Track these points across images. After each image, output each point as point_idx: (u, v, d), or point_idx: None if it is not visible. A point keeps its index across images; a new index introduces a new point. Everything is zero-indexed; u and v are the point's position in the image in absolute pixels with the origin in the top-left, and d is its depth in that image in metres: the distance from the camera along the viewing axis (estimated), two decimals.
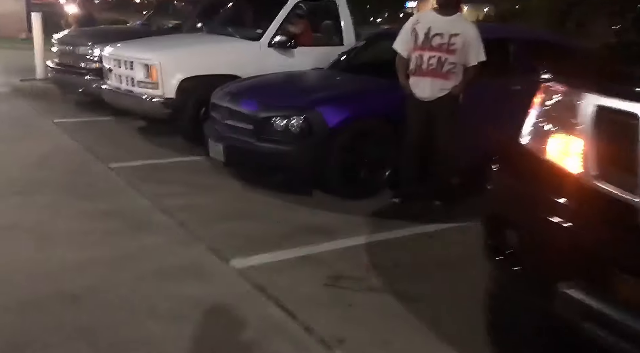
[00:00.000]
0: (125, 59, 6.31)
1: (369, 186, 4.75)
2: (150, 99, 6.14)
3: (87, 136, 6.66)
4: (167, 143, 6.46)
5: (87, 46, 7.73)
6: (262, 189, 4.91)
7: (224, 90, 5.33)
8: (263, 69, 6.40)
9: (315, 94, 4.85)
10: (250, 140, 4.70)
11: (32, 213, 4.21)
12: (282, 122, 4.55)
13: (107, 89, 6.78)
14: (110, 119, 7.65)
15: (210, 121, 5.35)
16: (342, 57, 6.12)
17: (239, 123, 4.85)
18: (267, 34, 6.58)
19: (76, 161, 5.68)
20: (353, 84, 5.17)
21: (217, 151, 5.00)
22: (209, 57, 6.36)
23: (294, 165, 4.59)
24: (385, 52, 6.11)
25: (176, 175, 5.34)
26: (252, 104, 4.76)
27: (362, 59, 5.95)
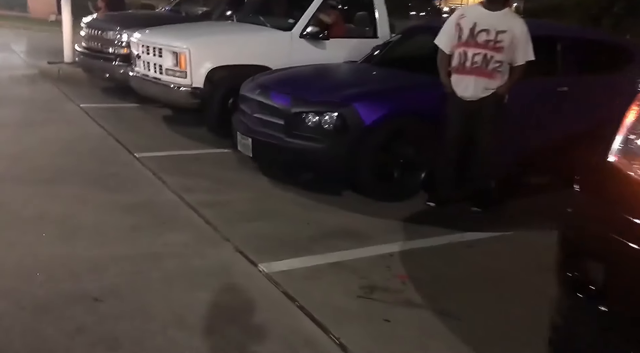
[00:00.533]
0: (154, 46, 6.15)
1: (402, 188, 4.53)
2: (177, 88, 5.97)
3: (113, 123, 6.55)
4: (193, 134, 6.31)
5: (115, 31, 7.60)
6: (290, 187, 4.72)
7: (254, 82, 5.14)
8: (294, 61, 6.21)
9: (350, 89, 4.62)
10: (280, 135, 4.51)
11: (57, 204, 4.08)
12: (315, 118, 4.34)
13: (135, 75, 6.64)
14: (136, 106, 7.54)
15: (239, 113, 5.17)
16: (377, 51, 5.87)
17: (269, 117, 4.66)
18: (299, 24, 6.37)
19: (102, 149, 5.56)
20: (390, 79, 4.92)
21: (245, 145, 4.83)
22: (239, 46, 6.16)
23: (325, 164, 4.39)
24: (423, 46, 5.86)
25: (202, 168, 5.18)
26: (284, 98, 4.56)
27: (399, 53, 5.70)
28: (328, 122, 4.30)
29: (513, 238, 3.93)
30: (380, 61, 5.57)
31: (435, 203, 4.46)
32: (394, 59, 5.54)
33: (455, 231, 3.98)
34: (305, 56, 6.31)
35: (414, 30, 6.05)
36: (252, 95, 4.89)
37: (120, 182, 4.64)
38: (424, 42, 5.88)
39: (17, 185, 4.40)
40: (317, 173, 4.58)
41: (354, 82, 4.99)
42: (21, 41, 13.83)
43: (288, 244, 3.65)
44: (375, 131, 4.28)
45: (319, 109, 4.35)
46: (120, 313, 2.77)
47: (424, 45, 5.78)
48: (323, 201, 4.44)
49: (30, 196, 4.20)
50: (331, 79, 5.19)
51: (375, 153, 4.34)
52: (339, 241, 3.72)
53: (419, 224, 4.11)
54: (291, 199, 4.48)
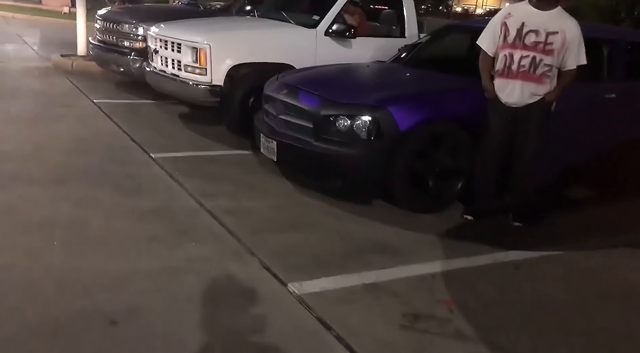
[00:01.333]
0: (172, 41, 5.85)
1: (437, 199, 4.21)
2: (196, 85, 5.67)
3: (129, 120, 6.26)
4: (211, 133, 6.02)
5: (131, 24, 7.31)
6: (317, 194, 4.41)
7: (279, 81, 4.83)
8: (318, 59, 5.92)
9: (385, 91, 4.29)
10: (308, 139, 4.19)
11: (68, 207, 3.80)
12: (347, 122, 4.02)
13: (151, 71, 6.34)
14: (152, 103, 7.26)
15: (262, 114, 4.86)
16: (407, 51, 5.55)
17: (296, 119, 4.34)
18: (324, 21, 6.05)
19: (117, 148, 5.27)
20: (426, 82, 4.59)
21: (269, 148, 4.52)
22: (262, 43, 5.85)
23: (356, 171, 4.07)
24: (459, 47, 5.56)
25: (223, 171, 4.88)
26: (313, 99, 4.25)
27: (432, 53, 5.37)
28: (361, 127, 3.98)
29: (563, 258, 3.60)
30: (412, 62, 5.24)
31: (473, 216, 4.14)
32: (427, 59, 5.21)
33: (499, 248, 3.66)
34: (331, 54, 6.00)
35: (448, 30, 5.71)
36: (277, 95, 4.58)
37: (136, 185, 4.34)
38: (460, 42, 5.59)
39: (27, 186, 4.12)
40: (347, 180, 4.25)
41: (387, 84, 4.66)
42: (34, 33, 13.59)
43: (319, 260, 3.34)
44: (411, 137, 3.96)
45: (351, 112, 4.03)
46: (140, 339, 2.47)
47: (460, 45, 5.50)
48: (353, 211, 4.13)
49: (41, 198, 3.91)
50: (362, 80, 4.85)
51: (410, 160, 4.01)
52: (374, 258, 3.41)
53: (459, 240, 3.79)
54: (319, 208, 4.17)
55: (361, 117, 3.98)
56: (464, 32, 5.55)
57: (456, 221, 4.10)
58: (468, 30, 5.43)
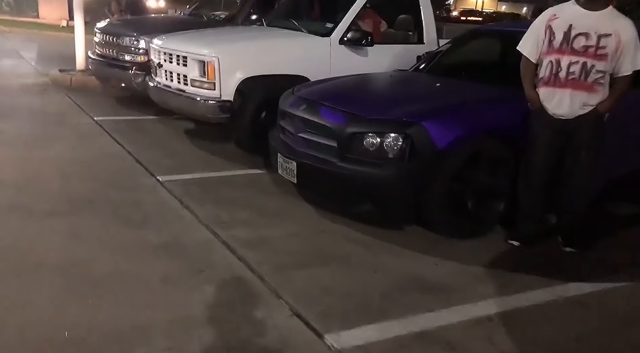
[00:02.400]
0: (178, 54, 5.43)
1: (477, 223, 3.78)
2: (204, 100, 5.25)
3: (132, 139, 5.85)
4: (219, 151, 5.61)
5: (132, 37, 6.91)
6: (342, 219, 3.98)
7: (296, 95, 4.41)
8: (333, 70, 5.50)
9: (417, 104, 3.86)
10: (332, 159, 3.77)
11: (66, 243, 3.37)
12: (376, 140, 3.60)
13: (155, 86, 5.92)
14: (155, 119, 6.85)
15: (278, 131, 4.44)
16: (430, 58, 5.13)
17: (318, 138, 3.92)
18: (338, 29, 5.64)
19: (121, 171, 4.85)
20: (460, 92, 4.14)
21: (287, 169, 4.10)
22: (273, 54, 5.44)
23: (387, 193, 3.64)
24: (489, 53, 5.13)
25: (236, 194, 4.46)
26: (337, 115, 3.83)
27: (460, 60, 4.94)
28: (392, 145, 3.56)
29: (633, 292, 3.16)
30: (439, 70, 4.80)
31: (519, 241, 3.71)
32: (455, 67, 4.78)
33: (556, 281, 3.21)
34: (346, 64, 5.59)
35: (474, 35, 5.27)
36: (295, 111, 4.15)
37: (143, 214, 3.92)
38: (489, 47, 5.16)
39: (24, 219, 3.70)
40: (376, 203, 3.81)
41: (417, 96, 4.21)
42: (31, 47, 13.23)
43: (355, 302, 2.89)
44: (449, 156, 3.53)
45: (380, 129, 3.61)
46: None
47: (490, 51, 5.06)
48: (385, 238, 3.70)
49: (37, 234, 3.49)
50: (389, 92, 4.41)
51: (448, 181, 3.59)
52: (417, 297, 2.97)
53: (508, 271, 3.34)
54: (346, 236, 3.74)
55: (392, 135, 3.56)
56: (492, 37, 5.11)
57: (500, 248, 3.66)
58: (497, 34, 4.99)
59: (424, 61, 5.16)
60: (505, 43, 4.62)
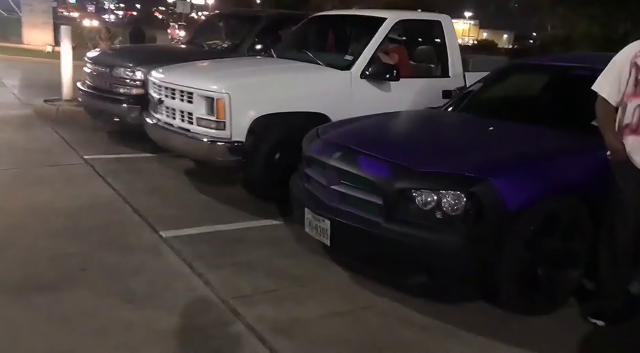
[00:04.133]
0: (182, 89, 4.79)
1: (551, 296, 3.15)
2: (212, 142, 4.60)
3: (127, 182, 5.17)
4: (227, 196, 4.95)
5: (127, 68, 6.26)
6: (387, 290, 3.31)
7: (323, 138, 3.79)
8: (353, 107, 4.90)
9: (477, 154, 3.23)
10: (376, 220, 3.13)
11: (60, 334, 2.68)
12: (432, 198, 2.97)
13: (154, 123, 5.27)
14: (151, 157, 6.18)
15: (302, 179, 3.81)
16: (465, 95, 4.56)
17: (357, 192, 3.28)
18: (359, 62, 5.05)
19: (117, 225, 4.15)
20: (523, 139, 3.50)
21: (318, 228, 3.45)
22: (289, 89, 4.82)
23: (448, 264, 3.00)
24: (539, 90, 4.55)
25: (254, 254, 3.79)
26: (380, 167, 3.20)
27: (506, 97, 4.36)
28: (452, 206, 2.93)
29: None
30: (479, 109, 4.20)
31: (604, 320, 3.08)
32: (499, 106, 4.20)
33: None
34: (368, 100, 5.01)
35: (519, 68, 4.68)
36: (327, 159, 3.51)
37: (147, 286, 3.23)
38: (539, 84, 4.57)
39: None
40: (431, 275, 3.16)
41: (472, 143, 3.56)
42: (15, 74, 12.45)
43: None
44: (521, 218, 2.91)
45: (437, 185, 2.98)
46: None
47: (543, 88, 4.46)
48: (444, 318, 3.03)
49: (11, 321, 2.78)
50: (436, 137, 3.76)
51: (519, 248, 2.97)
52: None
53: None
54: (399, 316, 3.05)
55: (452, 193, 2.93)
56: (540, 72, 4.54)
57: (581, 328, 3.02)
58: (547, 69, 4.43)
59: (458, 98, 4.59)
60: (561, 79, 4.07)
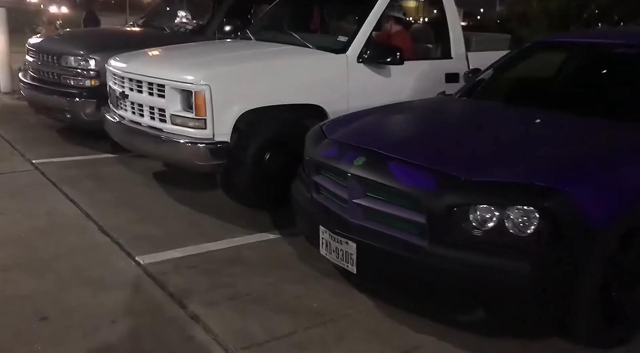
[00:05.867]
0: (150, 80, 3.98)
1: (628, 322, 2.60)
2: (191, 143, 3.83)
3: (88, 192, 4.36)
4: (210, 204, 4.21)
5: (78, 56, 5.35)
6: (429, 324, 2.68)
7: (335, 138, 3.07)
8: (351, 95, 4.27)
9: (547, 158, 2.55)
10: (418, 242, 2.49)
11: None
12: (494, 216, 2.35)
13: (117, 122, 4.42)
14: (113, 158, 5.34)
15: (312, 190, 3.10)
16: (481, 79, 3.94)
17: (389, 207, 2.61)
18: (355, 43, 4.35)
19: (81, 252, 3.34)
20: (589, 136, 2.82)
21: (339, 252, 2.77)
22: (279, 78, 4.06)
23: (515, 296, 2.38)
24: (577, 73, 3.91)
25: (256, 283, 3.06)
26: (420, 175, 2.54)
27: (534, 83, 3.72)
28: (521, 225, 2.31)
29: None
30: (510, 97, 3.56)
31: None
32: (534, 93, 3.55)
33: None
34: (367, 87, 4.36)
35: (546, 46, 3.99)
36: (344, 166, 2.82)
37: (130, 338, 2.49)
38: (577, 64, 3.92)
39: None
40: (493, 309, 2.53)
41: (531, 142, 2.78)
42: None
43: None
44: (606, 235, 2.33)
45: (500, 199, 2.35)
46: None
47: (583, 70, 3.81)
48: None
49: None
50: (481, 135, 2.98)
51: (601, 272, 2.39)
52: None
53: None
54: None
55: (520, 209, 2.31)
56: (575, 51, 3.88)
57: None
58: (583, 48, 3.78)
59: (473, 83, 3.97)
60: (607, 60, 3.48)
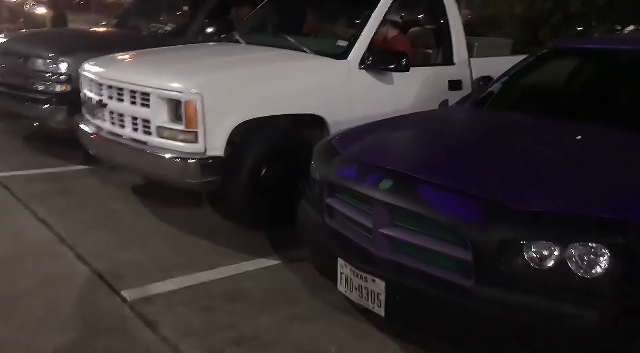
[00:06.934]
0: (134, 88, 3.50)
1: None
2: (179, 159, 3.37)
3: (61, 211, 3.88)
4: (198, 224, 3.78)
5: (48, 58, 4.82)
6: None
7: (351, 156, 2.67)
8: (352, 104, 3.90)
9: (610, 183, 2.19)
10: (461, 282, 2.11)
11: None
12: (555, 253, 2.00)
13: (94, 134, 3.92)
14: (85, 171, 4.85)
15: (322, 211, 2.71)
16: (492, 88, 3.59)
17: (424, 240, 2.25)
18: (357, 48, 3.96)
19: (57, 286, 2.87)
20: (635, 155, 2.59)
21: (362, 290, 2.38)
22: (277, 86, 3.63)
23: (580, 346, 2.04)
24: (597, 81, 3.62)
25: (261, 320, 2.66)
26: (462, 203, 2.16)
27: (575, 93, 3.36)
28: (588, 264, 1.96)
29: None
30: (534, 109, 3.19)
31: None
32: (564, 104, 3.20)
33: None
34: (369, 96, 4.00)
35: (565, 53, 3.63)
36: (367, 189, 2.41)
37: None
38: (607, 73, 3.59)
39: None
40: None
41: (581, 162, 2.43)
42: None
43: None
44: None
45: (563, 233, 1.99)
46: None
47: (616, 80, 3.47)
48: None
49: None
50: (521, 153, 2.57)
51: None
52: None
53: None
54: None
55: (586, 246, 1.97)
56: (600, 59, 3.56)
57: None
58: (611, 55, 3.47)
59: (484, 92, 3.62)
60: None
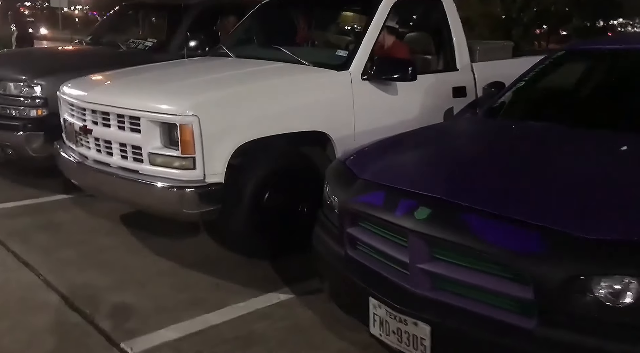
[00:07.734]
0: (121, 112, 3.14)
1: None
2: (176, 187, 3.02)
3: (44, 249, 3.51)
4: (198, 256, 3.46)
5: (20, 81, 4.42)
6: None
7: (374, 180, 2.36)
8: (357, 118, 3.60)
9: None
10: (521, 324, 1.83)
11: None
12: (634, 288, 1.72)
13: (78, 163, 3.53)
14: (67, 200, 4.47)
15: (341, 241, 2.40)
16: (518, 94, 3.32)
17: (471, 276, 1.96)
18: (358, 58, 3.68)
19: (45, 338, 2.51)
20: None
21: (401, 334, 2.07)
22: (277, 102, 3.31)
23: None
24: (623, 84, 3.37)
25: None
26: (516, 232, 1.87)
27: (603, 99, 3.10)
28: None
29: None
30: (562, 117, 2.91)
31: None
32: (594, 112, 2.94)
33: None
34: (373, 108, 3.71)
35: (583, 56, 3.41)
36: (400, 219, 2.11)
37: None
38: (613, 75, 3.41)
39: None
40: None
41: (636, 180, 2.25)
42: None
43: None
44: None
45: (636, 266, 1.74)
46: None
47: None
48: None
49: None
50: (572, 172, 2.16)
51: None
52: None
53: None
54: None
55: None
56: (623, 61, 3.36)
57: None
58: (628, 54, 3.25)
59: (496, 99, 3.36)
60: None
